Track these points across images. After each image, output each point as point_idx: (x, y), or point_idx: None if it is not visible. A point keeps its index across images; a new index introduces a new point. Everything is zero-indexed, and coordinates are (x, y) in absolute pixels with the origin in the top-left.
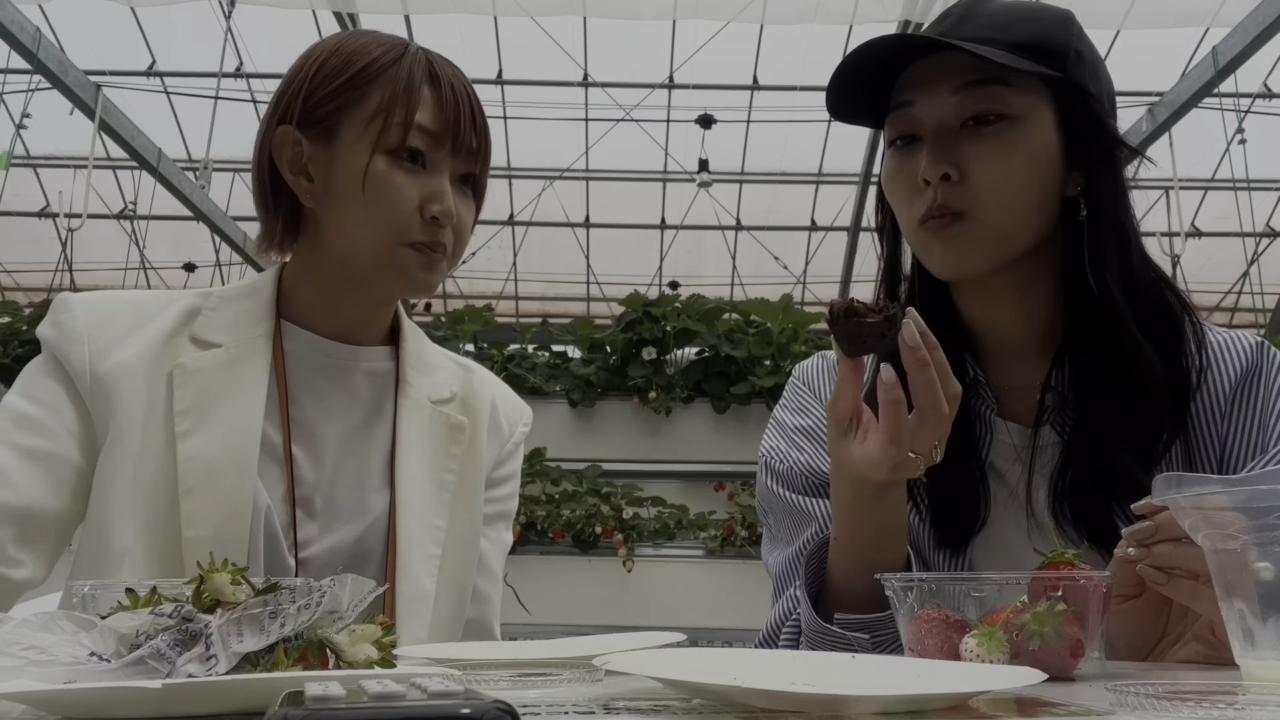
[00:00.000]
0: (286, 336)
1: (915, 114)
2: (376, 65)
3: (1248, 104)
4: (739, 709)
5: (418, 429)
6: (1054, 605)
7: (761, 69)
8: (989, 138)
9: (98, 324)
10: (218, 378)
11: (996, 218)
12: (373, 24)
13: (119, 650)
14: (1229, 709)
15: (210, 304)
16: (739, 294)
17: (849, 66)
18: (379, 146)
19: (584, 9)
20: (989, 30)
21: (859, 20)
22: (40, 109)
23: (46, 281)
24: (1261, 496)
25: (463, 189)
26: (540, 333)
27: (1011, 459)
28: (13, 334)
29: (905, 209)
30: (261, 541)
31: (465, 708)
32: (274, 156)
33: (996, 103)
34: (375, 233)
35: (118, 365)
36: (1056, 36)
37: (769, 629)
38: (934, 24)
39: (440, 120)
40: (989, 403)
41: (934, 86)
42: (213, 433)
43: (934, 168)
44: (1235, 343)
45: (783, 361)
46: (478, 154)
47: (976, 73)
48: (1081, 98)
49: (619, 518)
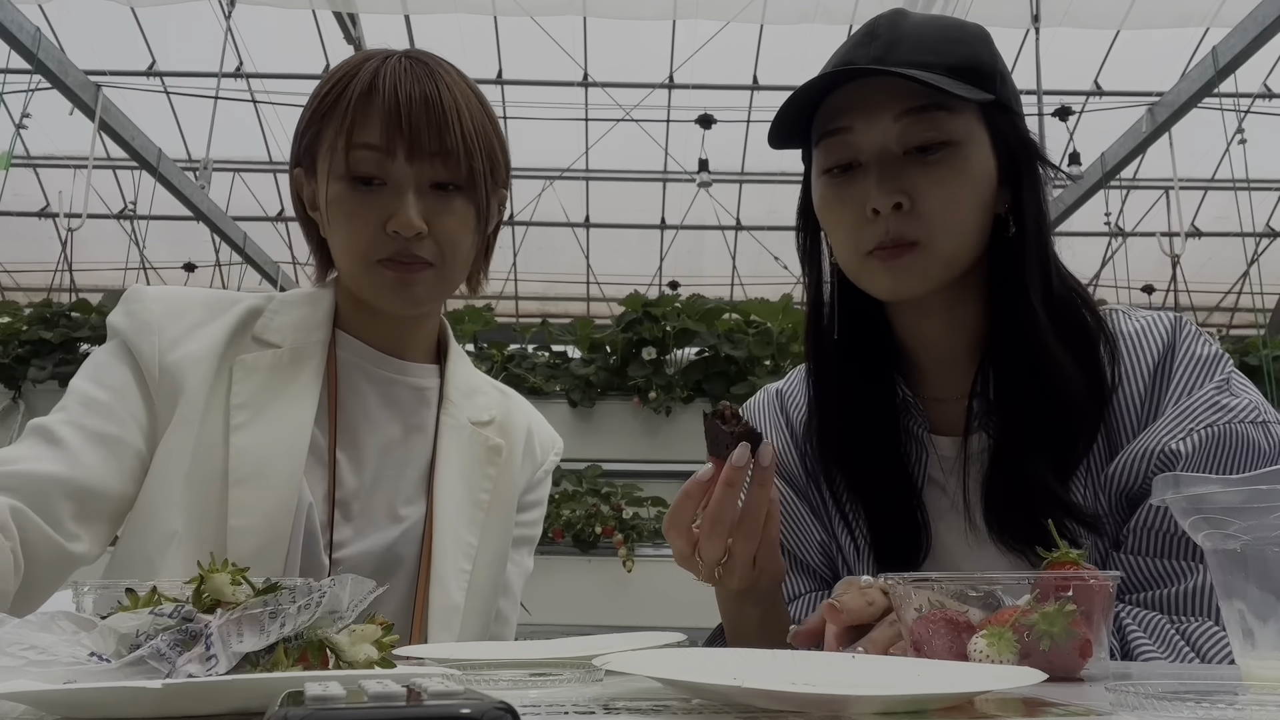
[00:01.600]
0: (340, 345)
1: (854, 140)
2: (332, 92)
3: (1248, 104)
4: (739, 709)
5: (457, 447)
6: (1063, 605)
7: (761, 69)
8: (936, 165)
9: (170, 315)
10: (274, 376)
11: (948, 245)
12: (373, 24)
13: (119, 650)
14: (1229, 709)
15: (272, 307)
16: (739, 294)
17: (799, 99)
18: (332, 173)
19: (584, 9)
20: (923, 54)
21: (859, 20)
22: (40, 109)
23: (46, 281)
24: (1261, 496)
25: (442, 196)
26: (540, 333)
27: (948, 470)
28: (13, 334)
29: (849, 237)
30: (301, 538)
31: (465, 708)
32: (299, 197)
33: (940, 130)
34: (347, 256)
35: (185, 356)
36: (984, 58)
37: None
38: (859, 44)
39: (380, 131)
40: (921, 421)
41: (874, 113)
42: (266, 427)
43: (886, 197)
44: (1150, 328)
45: (783, 361)
46: (443, 154)
47: (918, 98)
48: (1010, 118)
49: (619, 518)
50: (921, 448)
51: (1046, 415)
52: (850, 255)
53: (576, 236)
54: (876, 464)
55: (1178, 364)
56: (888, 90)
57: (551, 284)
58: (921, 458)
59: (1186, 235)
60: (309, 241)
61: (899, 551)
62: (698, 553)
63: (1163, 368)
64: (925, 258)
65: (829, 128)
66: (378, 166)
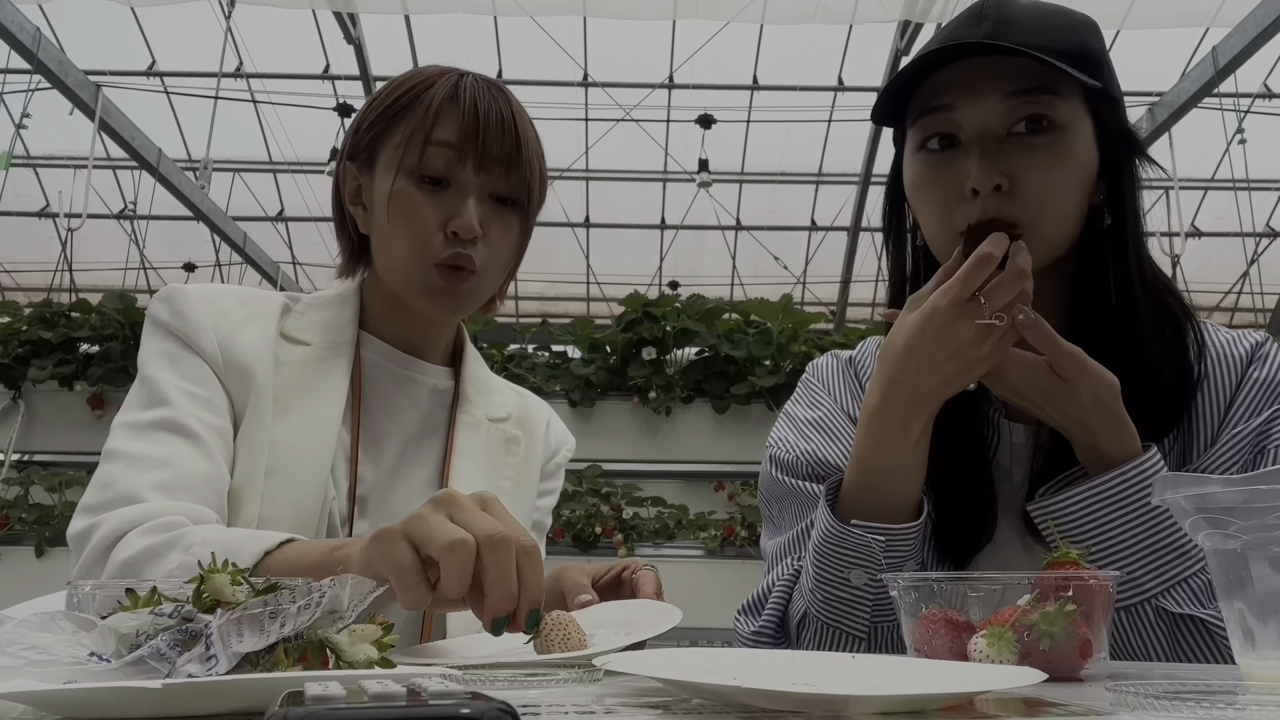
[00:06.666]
0: (364, 345)
1: (957, 118)
2: (409, 94)
3: (1248, 104)
4: (739, 709)
5: (475, 442)
6: (1064, 605)
7: (761, 69)
8: (1041, 149)
9: (217, 314)
10: (304, 373)
11: (1049, 229)
12: (373, 24)
13: (119, 650)
14: (1229, 709)
15: (299, 307)
16: (739, 294)
17: (910, 71)
18: (401, 168)
19: (584, 9)
20: (1033, 38)
21: (859, 20)
22: (40, 109)
23: (46, 281)
24: (1261, 496)
25: (498, 209)
26: (540, 333)
27: (1017, 459)
28: (13, 334)
29: (942, 216)
30: (324, 532)
31: (465, 708)
32: (341, 189)
33: (1049, 111)
34: (401, 252)
35: (243, 349)
36: (1094, 46)
37: (754, 597)
38: (964, 25)
39: (459, 134)
40: (997, 405)
41: (980, 91)
42: (296, 421)
43: (986, 177)
44: (1235, 345)
45: (782, 361)
46: (508, 167)
47: (1027, 80)
48: (1114, 108)
49: (619, 518)
50: (995, 432)
51: (1130, 405)
52: (942, 234)
53: (576, 236)
54: (948, 443)
55: (1259, 373)
56: (994, 71)
57: (551, 284)
58: (994, 441)
59: (1186, 235)
60: (340, 236)
61: (961, 534)
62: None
63: (1241, 386)
64: (1026, 239)
65: (930, 105)
66: (447, 168)
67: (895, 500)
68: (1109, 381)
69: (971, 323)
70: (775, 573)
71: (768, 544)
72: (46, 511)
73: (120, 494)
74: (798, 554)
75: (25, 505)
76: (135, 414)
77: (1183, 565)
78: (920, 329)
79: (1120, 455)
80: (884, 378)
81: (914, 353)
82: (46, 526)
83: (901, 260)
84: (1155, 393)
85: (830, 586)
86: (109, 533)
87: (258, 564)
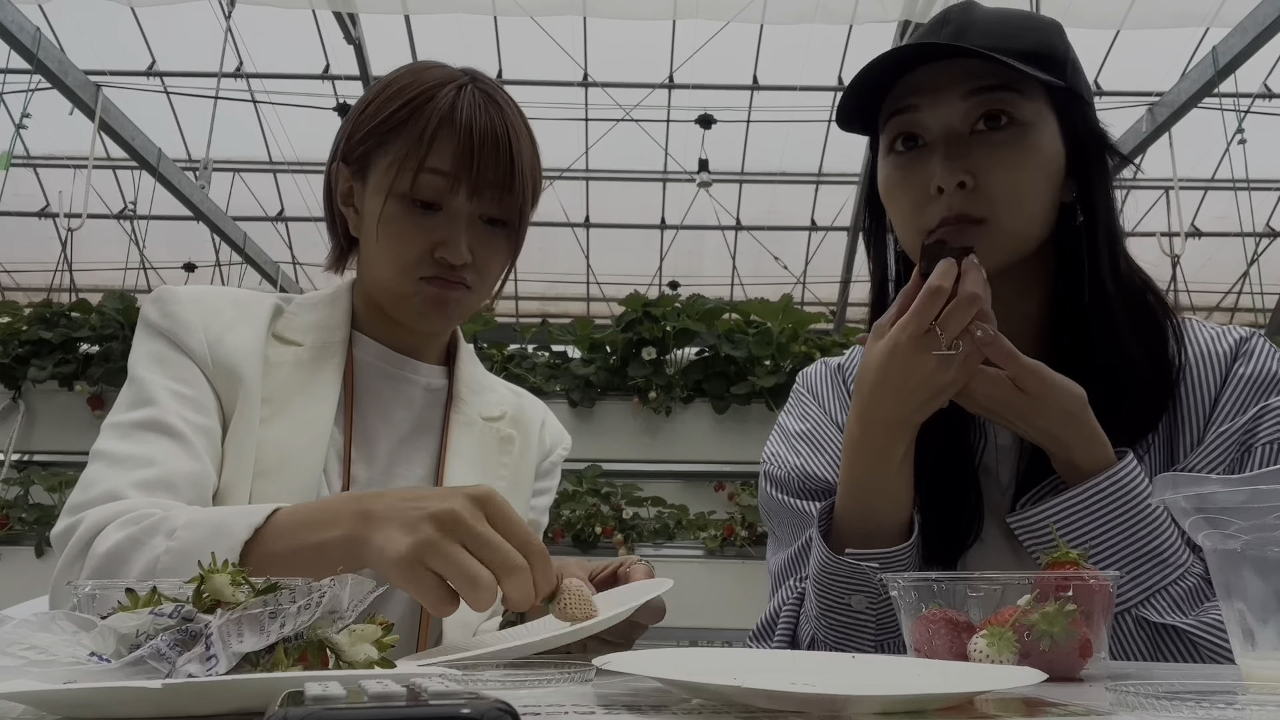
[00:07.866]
0: (356, 345)
1: (921, 119)
2: (407, 107)
3: (1248, 104)
4: (739, 709)
5: (469, 441)
6: (1064, 605)
7: (761, 69)
8: (1003, 145)
9: (208, 314)
10: (296, 373)
11: (1015, 224)
12: (373, 24)
13: (119, 650)
14: (1229, 709)
15: (291, 308)
16: (739, 294)
17: (866, 76)
18: (393, 191)
19: (584, 9)
20: (994, 39)
21: (859, 20)
22: (40, 109)
23: (46, 281)
24: (1261, 496)
25: (489, 230)
26: (540, 333)
27: (1003, 460)
28: (13, 334)
29: (912, 217)
30: None
31: (465, 708)
32: (333, 189)
33: (1009, 107)
34: (387, 270)
35: (232, 350)
36: (1057, 45)
37: (764, 620)
38: (929, 31)
39: (453, 161)
40: None
41: (942, 92)
42: (288, 422)
43: (950, 175)
44: (1219, 341)
45: (782, 361)
46: (502, 191)
47: (988, 79)
48: (1080, 106)
49: (619, 518)
50: (981, 434)
51: (1111, 407)
52: (913, 235)
53: (576, 236)
54: (934, 445)
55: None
56: (957, 71)
57: (551, 284)
58: (980, 443)
59: (1186, 235)
60: (331, 232)
61: (948, 536)
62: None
63: (1226, 380)
64: (992, 234)
65: (896, 107)
66: (439, 195)
67: (887, 521)
68: (1075, 394)
69: (931, 354)
70: (781, 594)
71: (772, 561)
72: (46, 511)
73: (101, 493)
74: (800, 574)
75: (25, 505)
76: (122, 414)
77: (1162, 573)
78: (886, 362)
79: (1092, 466)
80: (860, 409)
81: (884, 384)
82: (46, 526)
83: (882, 263)
84: (1132, 391)
85: (834, 613)
86: (87, 529)
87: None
